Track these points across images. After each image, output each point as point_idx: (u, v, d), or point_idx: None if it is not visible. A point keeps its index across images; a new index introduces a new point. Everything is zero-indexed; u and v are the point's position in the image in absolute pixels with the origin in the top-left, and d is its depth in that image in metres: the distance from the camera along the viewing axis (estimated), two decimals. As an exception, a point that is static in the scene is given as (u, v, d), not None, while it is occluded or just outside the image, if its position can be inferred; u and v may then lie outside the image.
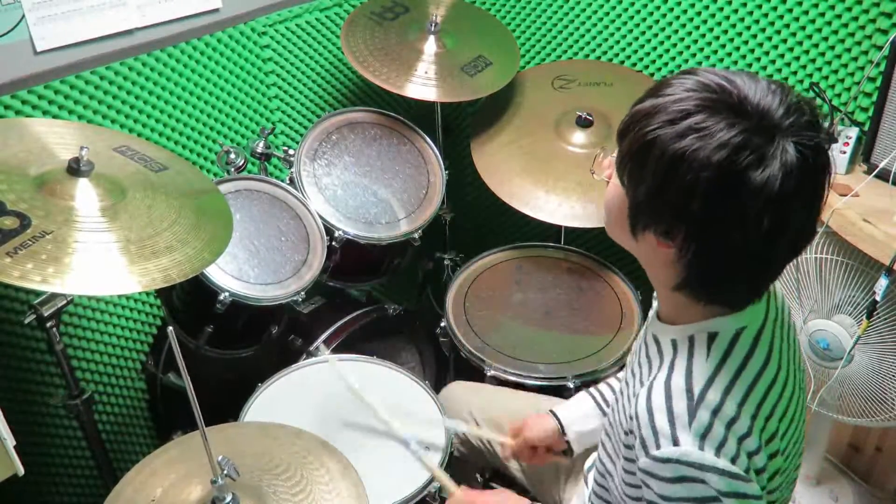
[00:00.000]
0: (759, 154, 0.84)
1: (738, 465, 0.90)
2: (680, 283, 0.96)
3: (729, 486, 0.89)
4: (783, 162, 0.84)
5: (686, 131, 0.85)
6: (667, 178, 0.87)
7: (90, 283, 1.12)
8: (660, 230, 0.92)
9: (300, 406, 1.55)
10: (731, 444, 0.90)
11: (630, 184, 0.94)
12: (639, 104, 0.92)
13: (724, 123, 0.84)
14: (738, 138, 0.84)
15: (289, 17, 2.09)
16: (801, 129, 0.86)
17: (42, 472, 1.87)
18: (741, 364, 0.96)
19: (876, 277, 1.48)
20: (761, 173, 0.84)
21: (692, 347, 0.97)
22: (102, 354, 1.90)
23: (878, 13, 1.71)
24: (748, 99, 0.86)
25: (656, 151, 0.87)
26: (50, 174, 1.23)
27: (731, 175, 0.84)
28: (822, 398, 1.67)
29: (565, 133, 2.06)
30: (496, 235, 2.65)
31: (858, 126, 1.75)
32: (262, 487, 1.15)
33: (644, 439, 0.93)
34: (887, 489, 1.90)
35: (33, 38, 1.60)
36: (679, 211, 0.89)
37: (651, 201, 0.91)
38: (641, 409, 0.94)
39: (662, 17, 2.09)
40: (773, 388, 0.98)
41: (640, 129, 0.89)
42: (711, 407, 0.92)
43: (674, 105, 0.87)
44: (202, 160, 2.02)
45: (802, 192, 0.87)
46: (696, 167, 0.84)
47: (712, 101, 0.86)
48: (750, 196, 0.84)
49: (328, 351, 1.79)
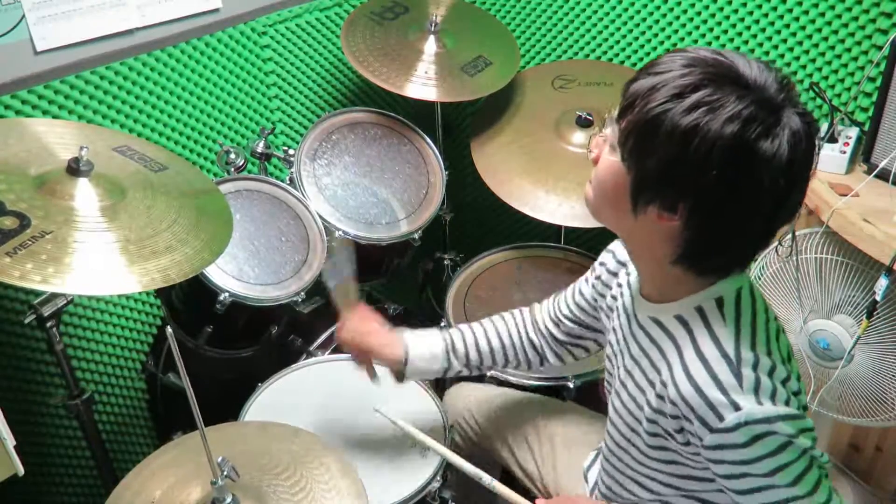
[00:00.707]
0: (767, 125, 0.87)
1: (791, 406, 0.94)
2: (678, 256, 0.98)
3: (795, 427, 0.93)
4: (791, 132, 0.88)
5: (695, 105, 0.87)
6: (678, 153, 0.89)
7: (90, 283, 1.12)
8: (664, 204, 0.94)
9: (300, 406, 1.55)
10: (780, 389, 0.95)
11: (634, 160, 0.95)
12: (633, 83, 0.94)
13: (734, 96, 0.87)
14: (748, 110, 0.87)
15: (289, 17, 2.09)
16: (796, 101, 0.91)
17: (42, 472, 1.87)
18: (752, 318, 1.00)
19: (876, 277, 1.48)
20: (772, 143, 0.87)
21: (705, 316, 1.00)
22: (102, 354, 1.90)
23: (878, 13, 1.71)
24: (745, 74, 0.89)
25: (666, 126, 0.89)
26: (50, 174, 1.23)
27: (743, 146, 0.87)
28: (822, 398, 1.67)
29: (565, 133, 2.06)
30: (496, 235, 2.65)
31: (858, 126, 1.75)
32: (262, 487, 1.15)
33: (703, 417, 0.95)
34: (887, 489, 1.90)
35: (33, 38, 1.59)
36: (689, 184, 0.91)
37: (659, 176, 0.93)
38: (687, 390, 0.96)
39: (662, 18, 2.09)
40: (781, 334, 1.03)
41: (644, 105, 0.91)
42: (750, 363, 0.95)
43: (678, 80, 0.89)
44: (202, 160, 2.02)
45: (806, 158, 0.91)
46: (709, 140, 0.87)
47: (714, 75, 0.89)
48: (762, 166, 0.88)
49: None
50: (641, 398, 1.08)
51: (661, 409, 1.02)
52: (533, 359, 1.42)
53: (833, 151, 1.68)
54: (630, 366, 1.12)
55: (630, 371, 1.11)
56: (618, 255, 1.26)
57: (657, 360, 1.04)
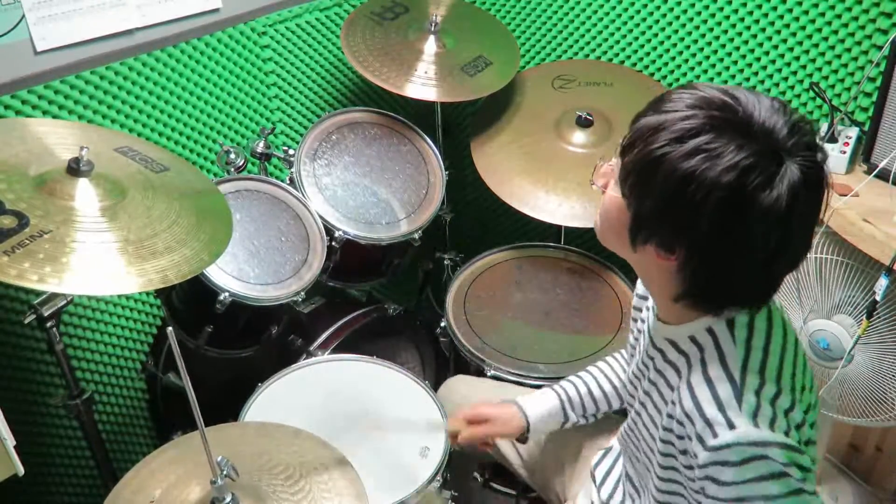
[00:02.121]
0: (767, 175, 0.86)
1: (791, 438, 0.93)
2: (679, 294, 0.99)
3: (789, 458, 0.92)
4: (790, 183, 0.86)
5: (694, 151, 0.86)
6: (674, 197, 0.89)
7: (87, 283, 1.12)
8: (662, 244, 0.94)
9: (300, 406, 1.55)
10: (781, 419, 0.93)
11: (633, 198, 0.95)
12: (641, 118, 0.93)
13: (734, 145, 0.86)
14: (748, 161, 0.85)
15: (289, 17, 2.09)
16: (803, 149, 0.88)
17: (42, 472, 1.87)
18: (766, 340, 0.99)
19: (876, 277, 1.48)
20: (769, 194, 0.85)
21: (715, 337, 1.00)
22: (102, 354, 1.90)
23: (878, 13, 1.71)
24: (753, 118, 0.87)
25: (665, 169, 0.88)
26: (49, 174, 1.23)
27: (740, 196, 0.86)
28: (822, 398, 1.67)
29: (565, 133, 2.06)
30: (496, 235, 2.65)
31: (858, 126, 1.75)
32: (262, 487, 1.15)
33: (699, 434, 0.95)
34: (887, 489, 1.90)
35: (33, 38, 1.60)
36: (684, 227, 0.91)
37: (655, 217, 0.93)
38: (689, 406, 0.96)
39: (662, 18, 2.09)
40: (798, 358, 1.01)
41: (646, 145, 0.90)
42: (754, 388, 0.94)
43: (680, 122, 0.88)
44: (202, 160, 2.02)
45: (805, 210, 0.89)
46: (705, 187, 0.86)
47: (718, 119, 0.87)
48: (758, 216, 0.86)
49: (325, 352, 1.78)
50: (658, 419, 1.08)
51: (670, 429, 1.02)
52: None
53: (833, 151, 1.68)
54: (648, 388, 1.12)
55: (648, 392, 1.12)
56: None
57: (672, 378, 1.05)
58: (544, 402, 1.41)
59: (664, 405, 1.06)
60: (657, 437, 1.08)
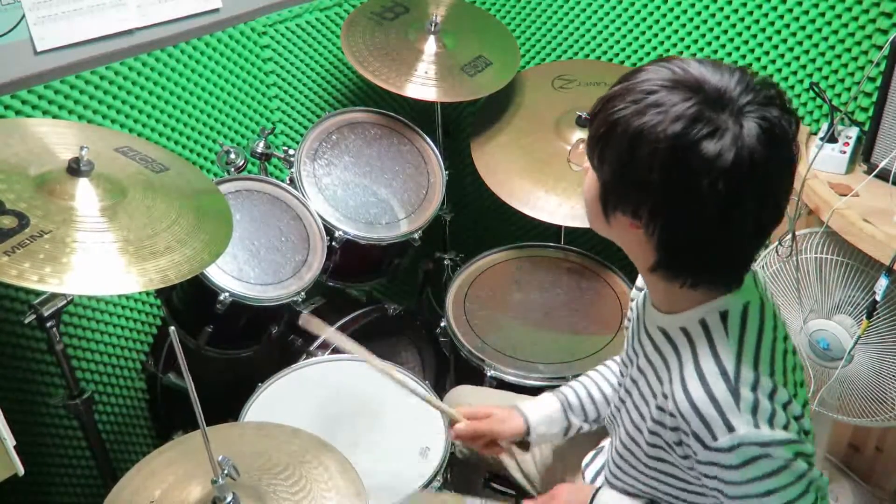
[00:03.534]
0: (713, 126, 0.86)
1: (791, 431, 0.93)
2: (654, 263, 0.98)
3: (791, 451, 0.92)
4: (736, 135, 0.86)
5: (646, 108, 0.88)
6: (628, 156, 0.90)
7: (87, 283, 1.12)
8: (628, 210, 0.94)
9: (300, 406, 1.55)
10: (780, 412, 0.93)
11: (599, 166, 0.96)
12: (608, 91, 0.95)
13: (680, 97, 0.87)
14: (692, 110, 0.86)
15: (289, 17, 2.09)
16: (759, 107, 0.88)
17: (42, 472, 1.87)
18: (758, 335, 0.98)
19: (876, 277, 1.48)
20: (714, 144, 0.86)
21: (707, 330, 0.99)
22: (102, 354, 1.90)
23: (878, 13, 1.71)
24: (708, 78, 0.89)
25: (619, 130, 0.90)
26: (50, 174, 1.24)
27: (684, 147, 0.86)
28: (822, 398, 1.66)
29: (565, 133, 2.06)
30: (496, 235, 2.65)
31: (858, 126, 1.75)
32: (262, 487, 1.15)
33: (697, 433, 0.94)
34: (887, 489, 1.90)
35: (33, 38, 1.60)
36: (642, 187, 0.91)
37: (617, 180, 0.94)
38: (683, 404, 0.95)
39: (662, 17, 2.09)
40: (788, 355, 1.01)
41: (605, 112, 0.93)
42: (749, 383, 0.94)
43: (638, 86, 0.90)
44: (202, 160, 2.02)
45: (757, 169, 0.88)
46: (652, 140, 0.87)
47: (674, 80, 0.89)
48: (701, 167, 0.86)
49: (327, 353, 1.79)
50: (644, 409, 1.08)
51: (661, 421, 1.02)
52: None
53: (833, 151, 1.68)
54: (636, 375, 1.12)
55: (636, 380, 1.11)
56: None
57: (661, 370, 1.04)
58: (545, 406, 1.40)
59: (652, 397, 1.05)
60: (644, 426, 1.07)
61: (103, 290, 1.25)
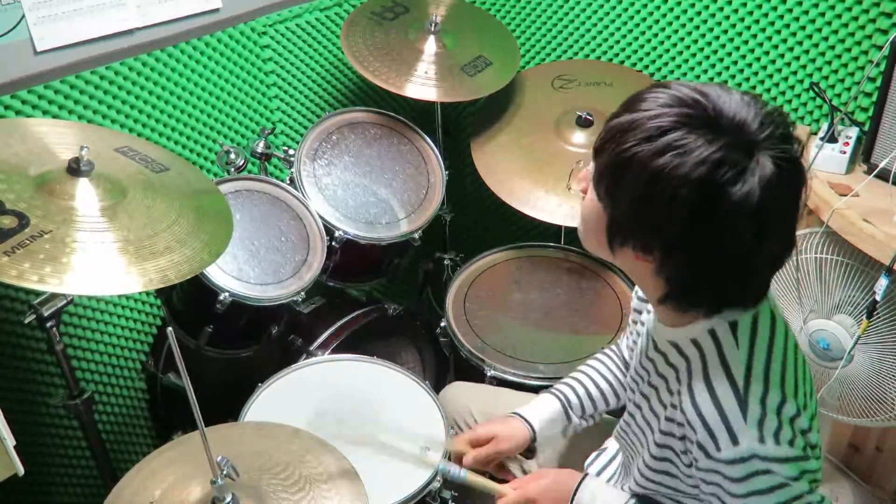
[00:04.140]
0: (738, 169, 0.84)
1: (796, 448, 0.92)
2: (663, 295, 0.98)
3: (795, 470, 0.91)
4: (762, 176, 0.84)
5: (664, 149, 0.85)
6: (646, 196, 0.88)
7: (87, 283, 1.12)
8: (638, 245, 0.93)
9: (300, 406, 1.55)
10: (786, 428, 0.92)
11: (608, 200, 0.95)
12: (614, 119, 0.93)
13: (703, 140, 0.84)
14: (717, 154, 0.84)
15: (289, 17, 2.09)
16: (777, 141, 0.87)
17: (42, 472, 1.87)
18: (769, 344, 0.98)
19: (876, 277, 1.48)
20: (741, 188, 0.84)
21: (717, 340, 0.98)
22: (102, 354, 1.90)
23: (878, 13, 1.71)
24: (723, 112, 0.86)
25: (634, 168, 0.88)
26: (50, 174, 1.23)
27: (710, 191, 0.84)
28: (822, 398, 1.67)
29: (565, 133, 2.06)
30: (496, 235, 2.65)
31: (858, 126, 1.75)
32: (262, 487, 1.15)
33: (701, 443, 0.94)
34: (887, 489, 1.90)
35: (33, 38, 1.60)
36: (658, 227, 0.90)
37: (629, 218, 0.92)
38: (691, 414, 0.95)
39: (662, 17, 2.09)
40: (799, 364, 1.00)
41: (617, 145, 0.90)
42: (758, 395, 0.93)
43: (650, 122, 0.87)
44: (202, 160, 2.02)
45: (780, 205, 0.87)
46: (675, 184, 0.85)
47: (689, 116, 0.86)
48: (730, 211, 0.85)
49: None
50: (654, 422, 1.08)
51: (670, 432, 1.02)
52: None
53: (833, 151, 1.68)
54: (647, 391, 1.11)
55: (647, 395, 1.11)
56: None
57: (672, 383, 1.04)
58: (546, 408, 1.39)
59: (662, 409, 1.05)
60: (651, 439, 1.07)
61: (103, 290, 1.25)
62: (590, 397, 1.39)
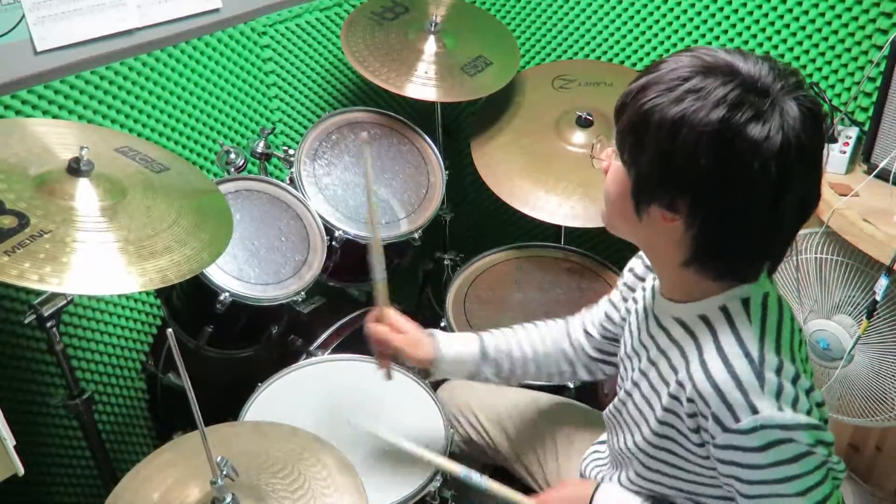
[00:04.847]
0: (757, 109, 0.86)
1: (813, 417, 0.92)
2: (689, 258, 0.97)
3: (814, 438, 0.91)
4: (783, 117, 0.86)
5: (683, 95, 0.87)
6: (668, 145, 0.89)
7: (87, 283, 1.12)
8: (664, 202, 0.93)
9: (300, 406, 1.55)
10: (803, 398, 0.93)
11: (631, 159, 0.95)
12: (633, 83, 0.95)
13: (720, 82, 0.87)
14: (734, 93, 0.86)
15: (289, 17, 2.09)
16: (795, 88, 0.89)
17: (42, 472, 1.87)
18: (778, 322, 0.98)
19: (876, 277, 1.48)
20: (762, 127, 0.85)
21: (729, 315, 0.99)
22: (102, 354, 1.90)
23: (878, 13, 1.71)
24: (738, 65, 0.89)
25: (655, 119, 0.89)
26: (50, 174, 1.24)
27: (730, 131, 0.85)
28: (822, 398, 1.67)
29: (565, 133, 2.06)
30: (496, 235, 2.65)
31: (858, 126, 1.75)
32: (261, 487, 1.15)
33: (717, 415, 0.93)
34: (887, 489, 1.90)
35: (33, 38, 1.60)
36: (683, 177, 0.90)
37: (654, 172, 0.92)
38: (704, 385, 0.94)
39: (662, 18, 2.09)
40: (803, 346, 1.02)
41: (636, 102, 0.92)
42: (774, 366, 0.93)
43: (669, 74, 0.90)
44: (202, 160, 2.02)
45: (804, 149, 0.88)
46: (696, 128, 0.86)
47: (705, 66, 0.89)
48: (751, 151, 0.86)
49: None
50: (655, 400, 1.07)
51: (674, 410, 1.01)
52: (566, 370, 1.39)
53: (833, 151, 1.68)
54: (646, 367, 1.11)
55: (645, 372, 1.11)
56: (646, 260, 1.24)
57: (676, 360, 1.03)
58: (460, 346, 1.36)
59: (664, 386, 1.04)
60: (652, 416, 1.07)
61: (103, 290, 1.25)
62: (510, 358, 1.36)
